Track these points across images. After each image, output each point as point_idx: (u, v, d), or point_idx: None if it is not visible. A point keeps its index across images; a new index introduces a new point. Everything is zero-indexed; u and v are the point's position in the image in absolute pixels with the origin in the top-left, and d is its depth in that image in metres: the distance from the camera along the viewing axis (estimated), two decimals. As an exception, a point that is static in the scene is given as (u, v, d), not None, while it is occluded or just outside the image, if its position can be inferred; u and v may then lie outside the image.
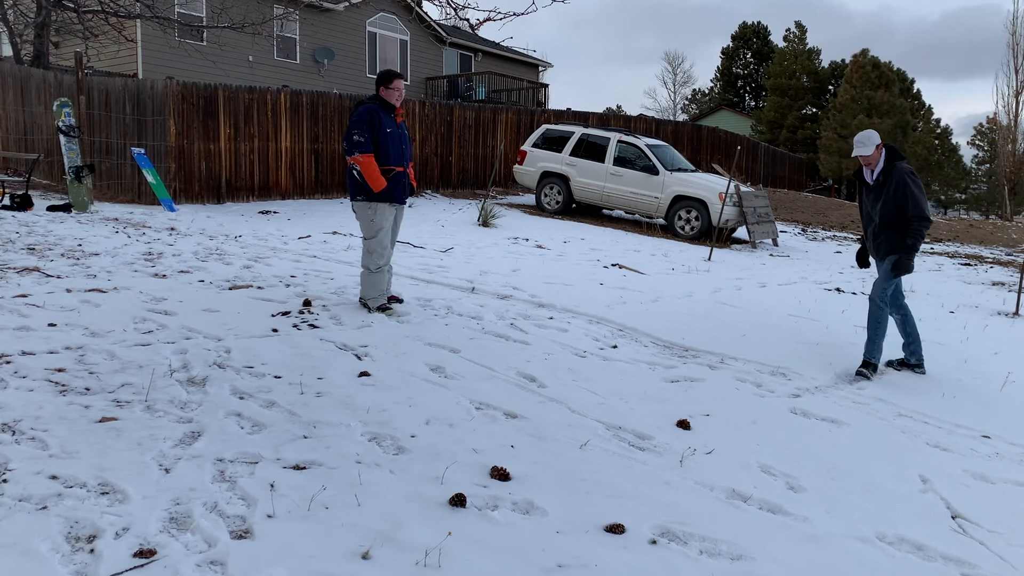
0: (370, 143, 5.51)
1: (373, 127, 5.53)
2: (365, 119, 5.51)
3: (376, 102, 5.64)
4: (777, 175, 27.67)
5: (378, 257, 5.74)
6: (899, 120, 32.08)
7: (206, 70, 17.59)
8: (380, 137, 5.56)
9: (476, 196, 15.91)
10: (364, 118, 5.51)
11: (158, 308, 5.37)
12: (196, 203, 12.24)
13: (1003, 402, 4.92)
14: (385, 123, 5.59)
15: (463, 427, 3.66)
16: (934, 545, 2.89)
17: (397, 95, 5.65)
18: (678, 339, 5.77)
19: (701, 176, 13.72)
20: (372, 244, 5.75)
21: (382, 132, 5.56)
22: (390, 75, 5.69)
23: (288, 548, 2.48)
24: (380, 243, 5.76)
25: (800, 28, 40.41)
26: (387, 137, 5.59)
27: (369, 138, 5.51)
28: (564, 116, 18.43)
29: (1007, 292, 9.77)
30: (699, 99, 54.52)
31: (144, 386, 3.81)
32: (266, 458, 3.12)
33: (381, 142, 5.57)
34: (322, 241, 9.32)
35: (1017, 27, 28.89)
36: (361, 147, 5.50)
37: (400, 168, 5.68)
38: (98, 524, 2.51)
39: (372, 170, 5.52)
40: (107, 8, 13.18)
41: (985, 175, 46.70)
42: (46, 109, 12.90)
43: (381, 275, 5.80)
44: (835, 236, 15.76)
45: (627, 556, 2.61)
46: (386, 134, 5.58)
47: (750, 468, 3.47)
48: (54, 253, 7.05)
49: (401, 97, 5.68)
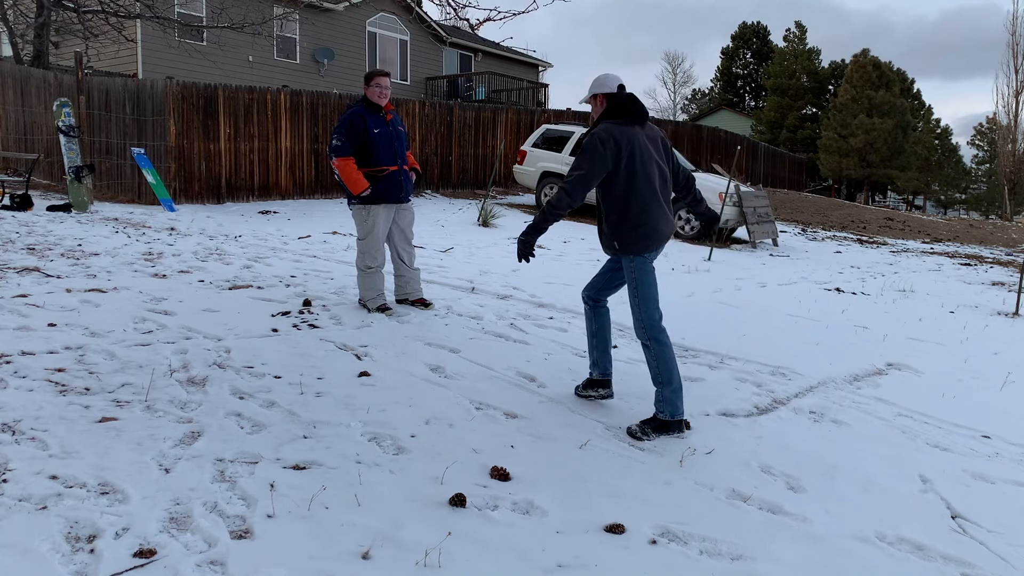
0: (348, 147, 5.48)
1: (355, 130, 5.49)
2: (346, 123, 5.49)
3: (363, 104, 5.62)
4: (777, 175, 27.66)
5: (370, 258, 5.72)
6: (899, 120, 32.10)
7: (206, 70, 17.60)
8: (367, 139, 5.52)
9: (476, 196, 15.91)
10: (345, 122, 5.50)
11: (158, 308, 5.37)
12: (196, 203, 12.24)
13: (1003, 402, 4.92)
14: (372, 124, 5.54)
15: (463, 427, 3.66)
16: (934, 545, 2.89)
17: (379, 92, 5.59)
18: (678, 339, 5.76)
19: (701, 176, 13.71)
20: (364, 244, 5.73)
21: (368, 134, 5.52)
22: (371, 74, 5.66)
23: (288, 548, 2.48)
24: (372, 244, 5.72)
25: (800, 28, 40.43)
26: (374, 138, 5.54)
27: (347, 142, 5.47)
28: (564, 116, 18.43)
29: (1007, 292, 9.77)
30: (699, 99, 54.52)
31: (144, 386, 3.81)
32: (266, 458, 3.12)
33: (369, 144, 5.53)
34: (322, 241, 9.32)
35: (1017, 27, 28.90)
36: (338, 151, 5.49)
37: (393, 167, 5.63)
38: (98, 524, 2.51)
39: (348, 174, 5.50)
40: (107, 8, 13.18)
41: (985, 175, 46.69)
42: (46, 109, 12.90)
43: (375, 275, 5.77)
44: (835, 236, 15.76)
45: (627, 556, 2.61)
46: (373, 135, 5.54)
47: (750, 468, 3.47)
48: (54, 253, 7.05)
49: (385, 95, 5.61)
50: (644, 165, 3.74)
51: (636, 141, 3.74)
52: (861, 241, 15.22)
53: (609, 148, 3.66)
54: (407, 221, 5.89)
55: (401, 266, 5.95)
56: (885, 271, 11.05)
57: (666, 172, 3.89)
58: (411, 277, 5.99)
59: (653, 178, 3.77)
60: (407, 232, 5.91)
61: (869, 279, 10.07)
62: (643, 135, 3.81)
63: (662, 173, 3.85)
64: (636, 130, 3.78)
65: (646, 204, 3.74)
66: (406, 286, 6.00)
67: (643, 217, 3.74)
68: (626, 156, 3.70)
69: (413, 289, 6.01)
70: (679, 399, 3.76)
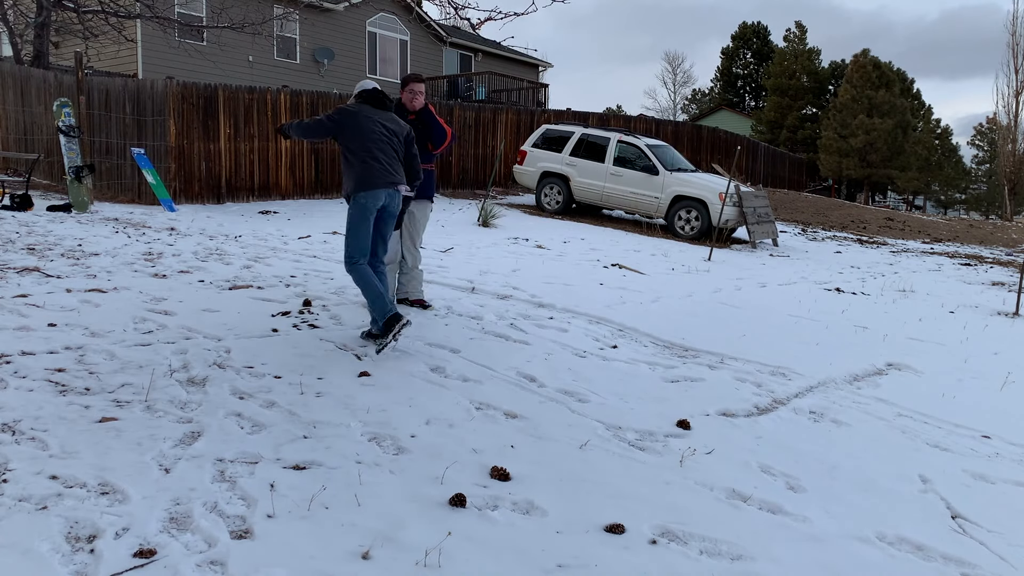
0: None
1: None
2: None
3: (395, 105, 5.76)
4: (777, 175, 27.66)
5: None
6: (899, 120, 32.10)
7: (206, 70, 17.60)
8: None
9: (476, 196, 15.91)
10: None
11: (158, 308, 5.37)
12: (196, 203, 12.24)
13: (1003, 402, 4.92)
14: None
15: (463, 427, 3.66)
16: (934, 545, 2.89)
17: (408, 97, 5.68)
18: (678, 339, 5.77)
19: (701, 176, 13.72)
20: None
21: None
22: (403, 80, 5.75)
23: (288, 548, 2.48)
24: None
25: (800, 28, 40.43)
26: None
27: None
28: (564, 116, 18.43)
29: (1007, 292, 9.77)
30: (699, 99, 54.54)
31: (144, 386, 3.81)
32: (266, 458, 3.12)
33: None
34: (322, 241, 9.31)
35: (1017, 27, 28.89)
36: None
37: None
38: (98, 524, 2.51)
39: None
40: (107, 8, 13.18)
41: (985, 175, 46.71)
42: (46, 109, 12.90)
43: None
44: (835, 236, 15.76)
45: (627, 556, 2.61)
46: None
47: (750, 468, 3.47)
48: (54, 253, 7.05)
49: (413, 99, 5.64)
50: (362, 134, 4.88)
51: (365, 119, 4.90)
52: (861, 241, 15.23)
53: (334, 119, 4.90)
54: (420, 220, 5.91)
55: (404, 265, 5.99)
56: (885, 271, 11.05)
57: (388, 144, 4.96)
58: (412, 277, 6.03)
59: (371, 145, 4.88)
60: (414, 234, 5.93)
61: (869, 279, 10.07)
62: (378, 117, 4.95)
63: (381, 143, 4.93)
64: (374, 110, 4.96)
65: (365, 158, 4.87)
66: (406, 285, 6.04)
67: (356, 167, 4.88)
68: (355, 122, 4.89)
69: (412, 289, 6.04)
70: (380, 303, 4.77)
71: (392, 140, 4.98)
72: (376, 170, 4.85)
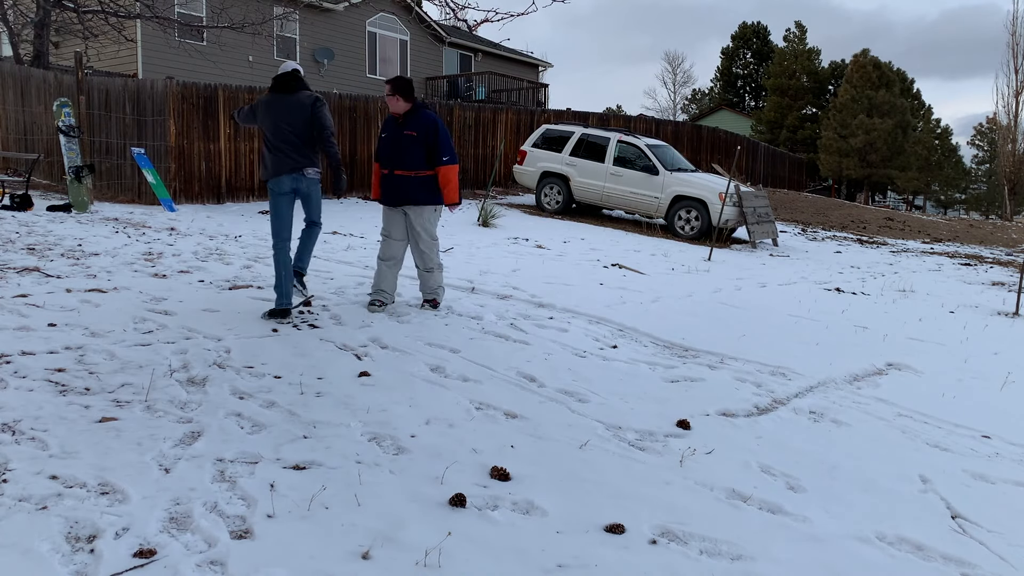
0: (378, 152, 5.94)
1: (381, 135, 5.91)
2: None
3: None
4: (777, 175, 27.65)
5: (380, 251, 6.01)
6: (899, 120, 32.11)
7: (206, 70, 17.59)
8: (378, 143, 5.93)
9: (476, 196, 15.91)
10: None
11: (158, 308, 5.37)
12: (196, 203, 12.24)
13: (1003, 402, 4.92)
14: (384, 128, 5.87)
15: (463, 427, 3.66)
16: (934, 545, 2.89)
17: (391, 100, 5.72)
18: (678, 339, 5.77)
19: (701, 176, 13.72)
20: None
21: (380, 138, 5.90)
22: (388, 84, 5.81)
23: (288, 548, 2.48)
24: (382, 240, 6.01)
25: (800, 28, 40.45)
26: (380, 142, 5.91)
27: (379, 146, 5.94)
28: (564, 116, 18.43)
29: (1007, 292, 9.77)
30: (699, 99, 54.55)
31: (144, 386, 3.81)
32: (266, 458, 3.12)
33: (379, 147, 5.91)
34: (322, 241, 9.31)
35: (1017, 27, 28.90)
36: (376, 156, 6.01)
37: (385, 171, 5.82)
38: (98, 524, 2.51)
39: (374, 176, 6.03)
40: (107, 8, 13.17)
41: (985, 175, 46.73)
42: (46, 109, 12.89)
43: (378, 269, 5.98)
44: (835, 236, 15.76)
45: (627, 556, 2.61)
46: (381, 139, 5.88)
47: (750, 468, 3.47)
48: (54, 253, 7.05)
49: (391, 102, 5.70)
50: (266, 124, 5.36)
51: (269, 109, 5.35)
52: (861, 241, 15.23)
53: (252, 108, 5.50)
54: (417, 225, 5.88)
55: (416, 268, 6.11)
56: (885, 271, 11.05)
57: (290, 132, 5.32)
58: (421, 278, 6.12)
59: (272, 135, 5.34)
60: (418, 237, 5.92)
61: (869, 279, 10.07)
62: (282, 101, 5.35)
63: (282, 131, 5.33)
64: (277, 97, 5.37)
65: (268, 147, 5.37)
66: (421, 286, 6.16)
67: (265, 157, 5.41)
68: (260, 113, 5.42)
69: (423, 289, 6.15)
70: (280, 287, 5.37)
71: (294, 126, 5.32)
72: (278, 159, 5.33)
